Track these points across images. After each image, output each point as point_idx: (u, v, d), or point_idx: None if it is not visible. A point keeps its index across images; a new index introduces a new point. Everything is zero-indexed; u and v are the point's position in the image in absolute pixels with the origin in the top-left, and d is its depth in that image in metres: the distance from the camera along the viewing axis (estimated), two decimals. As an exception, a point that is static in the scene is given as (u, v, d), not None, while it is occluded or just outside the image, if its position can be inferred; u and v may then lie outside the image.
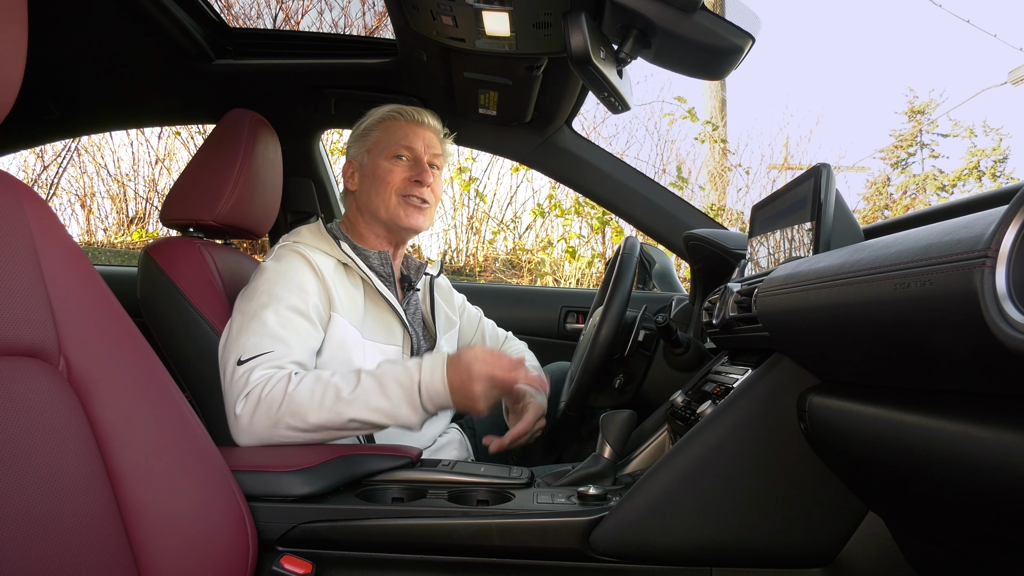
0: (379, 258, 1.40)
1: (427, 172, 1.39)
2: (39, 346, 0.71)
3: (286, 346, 1.17)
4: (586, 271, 4.90)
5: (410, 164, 1.39)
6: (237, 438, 1.13)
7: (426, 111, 1.45)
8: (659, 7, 1.03)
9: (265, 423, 1.10)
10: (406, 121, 1.42)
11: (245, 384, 1.12)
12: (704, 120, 5.85)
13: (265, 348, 1.16)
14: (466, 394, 1.12)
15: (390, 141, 1.39)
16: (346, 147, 1.49)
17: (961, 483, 0.58)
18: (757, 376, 0.94)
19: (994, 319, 0.44)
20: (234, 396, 1.13)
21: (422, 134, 1.41)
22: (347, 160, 1.46)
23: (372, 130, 1.42)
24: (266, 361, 1.15)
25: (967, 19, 18.37)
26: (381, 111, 1.44)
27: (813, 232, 0.93)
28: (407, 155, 1.39)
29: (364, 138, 1.43)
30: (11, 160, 4.48)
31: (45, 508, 0.66)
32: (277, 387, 1.11)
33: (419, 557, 0.96)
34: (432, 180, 1.40)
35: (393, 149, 1.39)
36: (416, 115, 1.43)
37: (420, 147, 1.40)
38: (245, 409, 1.11)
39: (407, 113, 1.42)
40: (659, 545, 0.91)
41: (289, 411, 1.09)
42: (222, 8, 3.48)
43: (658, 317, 1.34)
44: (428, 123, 1.44)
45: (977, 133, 12.66)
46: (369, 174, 1.40)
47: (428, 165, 1.40)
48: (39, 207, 0.76)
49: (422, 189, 1.38)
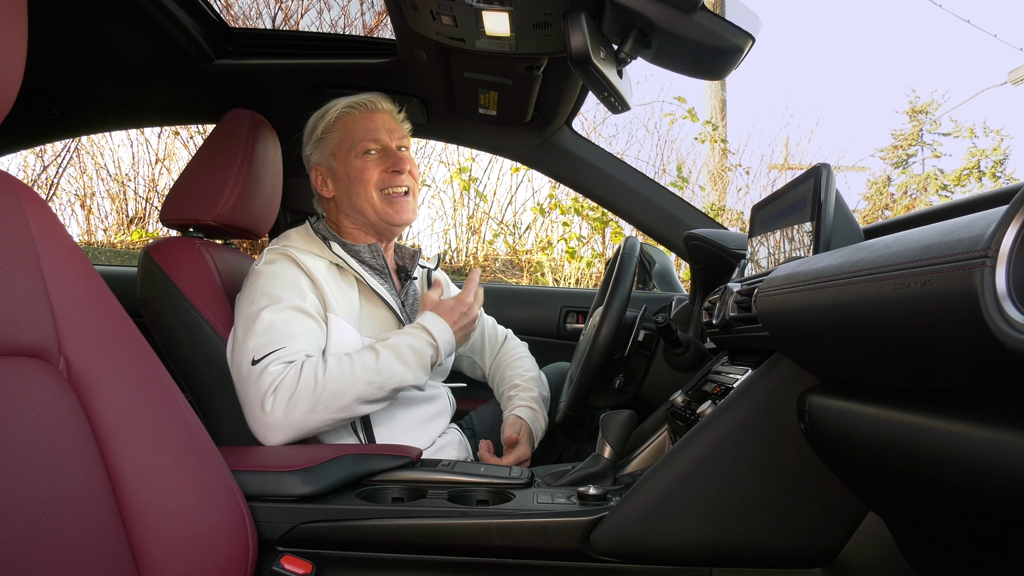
0: (370, 252, 1.39)
1: (401, 159, 1.37)
2: (39, 346, 0.71)
3: (295, 341, 1.19)
4: (586, 271, 4.90)
5: (381, 156, 1.37)
6: (267, 435, 1.14)
7: (377, 96, 1.43)
8: (659, 7, 1.03)
9: (303, 410, 1.12)
10: (361, 112, 1.39)
11: (267, 381, 1.13)
12: (704, 120, 5.85)
13: (276, 345, 1.17)
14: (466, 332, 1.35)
15: (354, 139, 1.37)
16: (304, 156, 1.46)
17: (961, 483, 0.58)
18: (757, 376, 0.94)
19: (994, 319, 0.44)
20: (258, 395, 1.14)
21: (382, 121, 1.39)
22: (312, 168, 1.43)
23: (330, 131, 1.39)
24: (280, 357, 1.16)
25: (967, 19, 18.36)
26: (332, 111, 1.40)
27: (813, 232, 0.93)
28: (375, 147, 1.37)
29: (323, 142, 1.40)
30: (11, 160, 4.48)
31: (45, 508, 0.66)
32: (305, 374, 1.13)
33: (419, 557, 0.96)
34: (408, 166, 1.39)
35: (360, 146, 1.36)
36: (369, 103, 1.40)
37: (385, 136, 1.38)
38: (276, 404, 1.12)
39: (359, 104, 1.40)
40: (659, 545, 0.91)
41: (328, 392, 1.13)
42: (222, 8, 3.48)
43: (658, 317, 1.34)
44: (383, 107, 1.41)
45: (977, 133, 12.66)
46: (343, 177, 1.37)
47: (397, 149, 1.39)
48: (39, 207, 0.76)
49: (401, 177, 1.37)
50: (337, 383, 1.15)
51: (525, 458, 1.37)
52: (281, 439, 1.14)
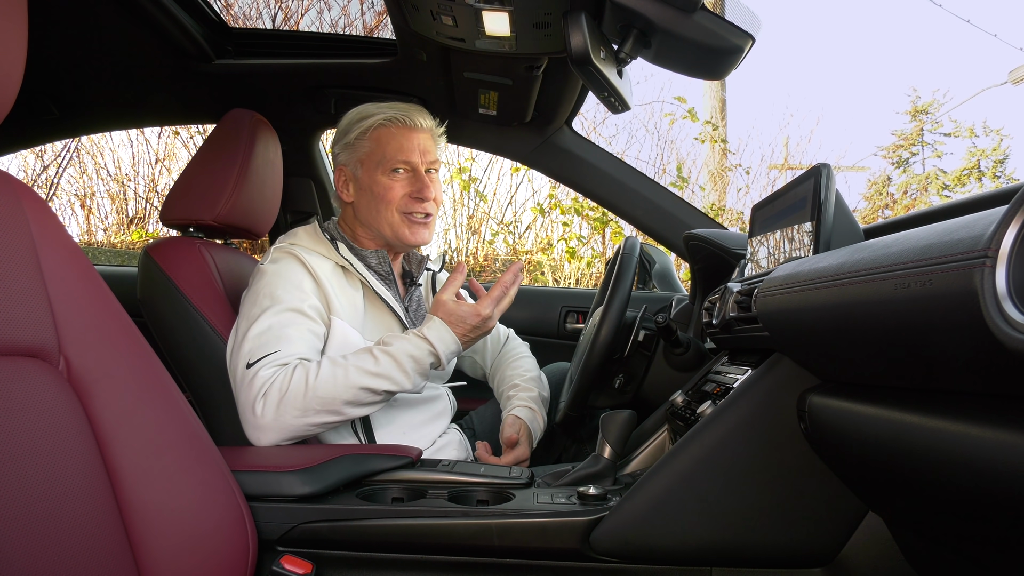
0: (377, 257, 1.39)
1: (428, 187, 1.34)
2: (39, 346, 0.71)
3: (290, 344, 1.19)
4: (586, 271, 4.90)
5: (409, 178, 1.34)
6: (258, 437, 1.14)
7: (417, 110, 1.38)
8: (659, 7, 1.03)
9: (293, 414, 1.12)
10: (399, 128, 1.34)
11: (258, 385, 1.14)
12: (704, 120, 5.85)
13: (270, 348, 1.17)
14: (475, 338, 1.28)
15: (385, 155, 1.33)
16: (333, 151, 1.42)
17: (961, 483, 0.58)
18: (757, 376, 0.94)
19: (994, 319, 0.44)
20: (250, 398, 1.14)
21: (417, 141, 1.35)
22: (337, 167, 1.40)
23: (363, 139, 1.35)
24: (273, 360, 1.16)
25: (967, 19, 18.38)
26: (371, 119, 1.35)
27: (813, 232, 0.93)
28: (404, 168, 1.34)
29: (355, 147, 1.36)
30: (11, 160, 4.48)
31: (45, 508, 0.66)
32: (296, 379, 1.13)
33: (419, 557, 0.96)
34: (433, 193, 1.36)
35: (389, 163, 1.33)
36: (409, 120, 1.35)
37: (417, 158, 1.34)
38: (267, 408, 1.12)
39: (399, 119, 1.34)
40: (659, 545, 0.91)
41: (318, 396, 1.12)
42: (222, 8, 3.48)
43: (658, 317, 1.34)
44: (422, 125, 1.36)
45: (978, 133, 12.67)
46: (366, 189, 1.35)
47: (426, 172, 1.36)
48: (39, 207, 0.76)
49: (424, 204, 1.35)
50: (328, 387, 1.13)
51: (524, 458, 1.37)
52: (272, 441, 1.14)
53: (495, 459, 1.37)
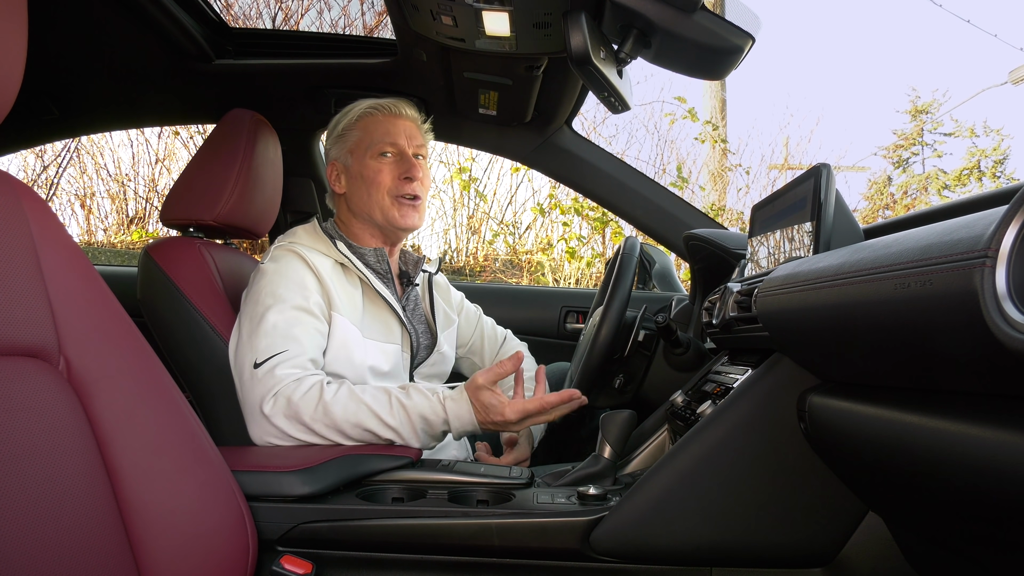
0: (375, 255, 1.40)
1: (415, 166, 1.37)
2: (39, 346, 0.71)
3: (299, 344, 1.19)
4: (586, 271, 4.90)
5: (396, 160, 1.37)
6: (263, 436, 1.15)
7: (403, 102, 1.43)
8: (659, 7, 1.03)
9: (296, 423, 1.13)
10: (384, 115, 1.39)
11: (270, 383, 1.14)
12: (704, 120, 5.85)
13: (279, 348, 1.17)
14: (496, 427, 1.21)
15: (372, 139, 1.37)
16: (325, 149, 1.45)
17: (961, 483, 0.58)
18: (757, 376, 0.94)
19: (994, 319, 0.44)
20: (258, 396, 1.14)
21: (403, 126, 1.39)
22: (330, 163, 1.44)
23: (351, 129, 1.40)
24: (285, 360, 1.16)
25: (967, 19, 18.37)
26: (357, 108, 1.41)
27: (813, 232, 0.93)
28: (392, 151, 1.37)
29: (344, 138, 1.41)
30: (11, 160, 4.48)
31: (45, 508, 0.66)
32: (311, 393, 1.13)
33: (419, 557, 0.96)
34: (421, 173, 1.39)
35: (377, 147, 1.37)
36: (393, 107, 1.40)
37: (403, 141, 1.38)
38: (275, 408, 1.13)
39: (384, 107, 1.40)
40: (659, 545, 0.91)
41: (324, 421, 1.13)
42: (222, 8, 3.47)
43: (658, 317, 1.34)
44: (407, 114, 1.41)
45: (978, 133, 12.66)
46: (356, 175, 1.38)
47: (414, 156, 1.39)
48: (39, 207, 0.76)
49: (413, 185, 1.37)
50: (338, 414, 1.13)
51: (524, 458, 1.37)
52: (268, 440, 1.15)
53: (495, 459, 1.37)
